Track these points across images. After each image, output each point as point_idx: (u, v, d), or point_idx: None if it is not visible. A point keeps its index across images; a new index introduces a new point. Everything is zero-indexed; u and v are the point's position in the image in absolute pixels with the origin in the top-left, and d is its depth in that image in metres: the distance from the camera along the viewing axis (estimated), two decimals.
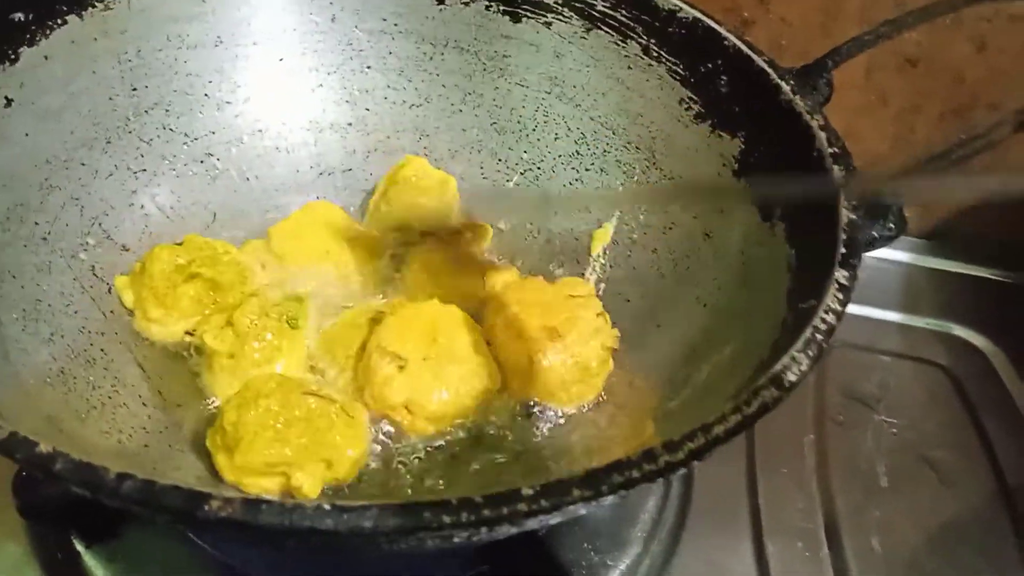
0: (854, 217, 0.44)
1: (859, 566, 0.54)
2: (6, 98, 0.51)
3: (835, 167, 0.48)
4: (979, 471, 0.61)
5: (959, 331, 0.71)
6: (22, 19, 0.52)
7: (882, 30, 0.51)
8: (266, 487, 0.45)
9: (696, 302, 0.54)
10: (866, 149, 0.77)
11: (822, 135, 0.50)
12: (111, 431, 0.45)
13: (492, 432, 0.52)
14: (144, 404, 0.49)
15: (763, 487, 0.58)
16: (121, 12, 0.57)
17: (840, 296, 0.40)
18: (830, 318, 0.39)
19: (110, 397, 0.47)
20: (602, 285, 0.61)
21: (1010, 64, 0.70)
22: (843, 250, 0.42)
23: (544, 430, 0.53)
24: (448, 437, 0.51)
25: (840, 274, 0.41)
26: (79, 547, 0.49)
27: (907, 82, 0.72)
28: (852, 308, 0.70)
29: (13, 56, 0.51)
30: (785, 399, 0.36)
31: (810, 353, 0.38)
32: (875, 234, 0.45)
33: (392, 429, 0.51)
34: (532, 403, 0.54)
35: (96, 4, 0.56)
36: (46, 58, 0.53)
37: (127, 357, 0.51)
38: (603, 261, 0.61)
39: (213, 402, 0.51)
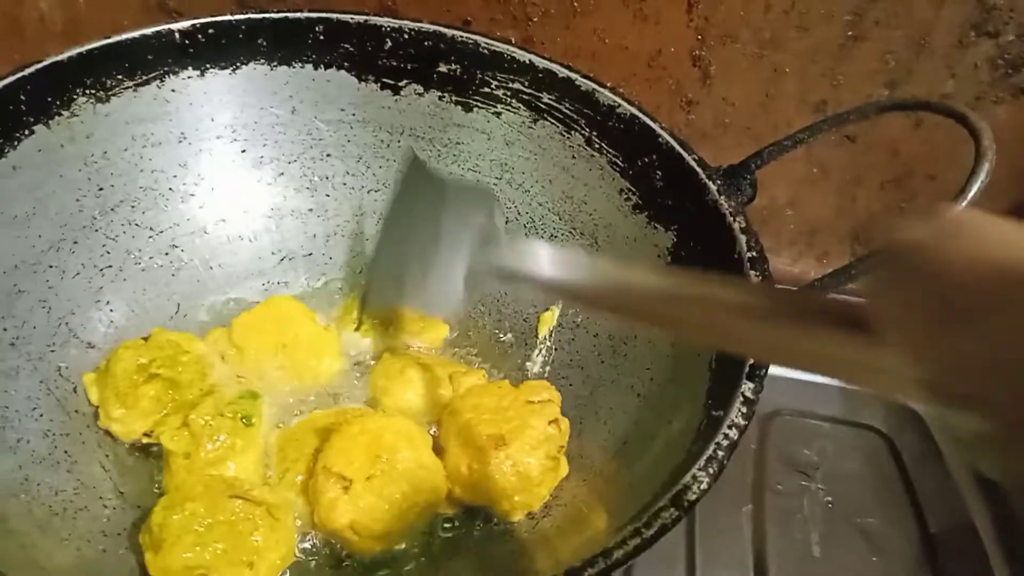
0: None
1: None
2: None
3: (751, 271, 0.51)
4: (909, 536, 0.64)
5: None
6: None
7: (799, 136, 0.55)
8: None
9: (631, 391, 0.57)
10: (812, 217, 0.81)
11: (742, 238, 0.53)
12: (71, 538, 0.48)
13: (438, 541, 0.54)
14: (104, 506, 0.51)
15: (700, 555, 0.61)
16: (87, 118, 0.60)
17: (744, 410, 0.43)
18: (732, 434, 0.42)
19: (72, 501, 0.50)
20: (547, 368, 0.64)
21: (945, 138, 0.73)
22: (751, 361, 0.45)
23: (489, 536, 0.54)
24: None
25: (746, 387, 0.44)
26: None
27: (847, 155, 0.75)
28: (796, 374, 0.74)
29: None
30: (684, 517, 0.39)
31: (711, 470, 0.41)
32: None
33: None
34: (478, 511, 0.55)
35: (62, 112, 0.59)
36: (14, 168, 0.56)
37: (91, 457, 0.54)
38: (549, 344, 0.65)
39: None
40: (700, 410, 0.47)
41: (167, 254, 0.64)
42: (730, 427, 0.42)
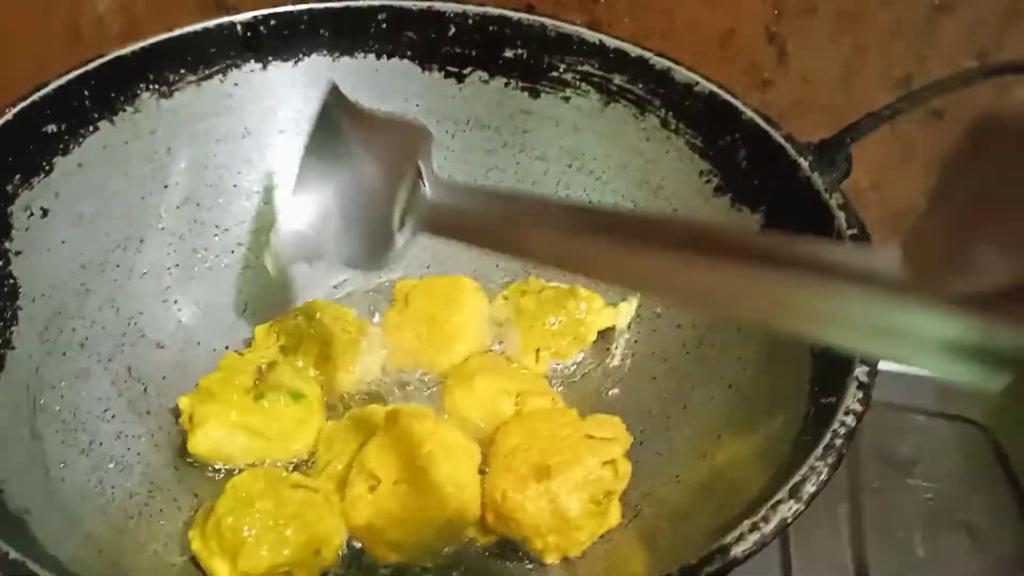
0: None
1: None
2: (42, 209, 0.53)
3: None
4: (1016, 533, 0.59)
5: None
6: (55, 130, 0.54)
7: (898, 105, 0.51)
8: None
9: (721, 382, 0.54)
10: (896, 200, 0.77)
11: (841, 215, 0.49)
12: (146, 542, 0.46)
13: (463, 568, 0.50)
14: (179, 508, 0.50)
15: (796, 559, 0.57)
16: (151, 113, 0.59)
17: (860, 395, 0.40)
18: (849, 420, 0.39)
19: (147, 504, 0.49)
20: (628, 361, 0.61)
21: None
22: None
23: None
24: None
25: (860, 370, 0.41)
26: None
27: (934, 134, 0.72)
28: (887, 365, 0.70)
29: (47, 167, 0.53)
30: (805, 510, 0.36)
31: (829, 460, 0.38)
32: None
33: None
34: (510, 544, 0.51)
35: (126, 108, 0.58)
36: (80, 165, 0.55)
37: (164, 459, 0.52)
38: (627, 336, 0.62)
39: None
40: (805, 399, 0.44)
41: (233, 252, 0.63)
42: (846, 413, 0.39)
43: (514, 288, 0.63)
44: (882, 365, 0.68)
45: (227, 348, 0.60)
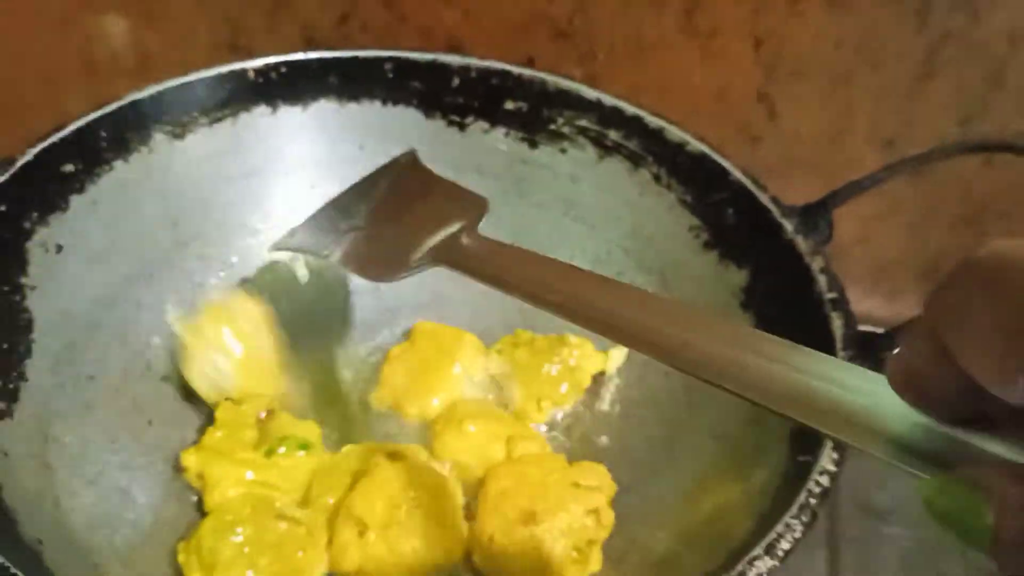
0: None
1: None
2: (57, 245, 0.55)
3: (832, 312, 0.50)
4: None
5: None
6: (72, 169, 0.56)
7: (879, 175, 0.54)
8: None
9: (708, 431, 0.56)
10: (880, 254, 0.79)
11: (822, 279, 0.52)
12: (152, 572, 0.48)
13: None
14: (181, 539, 0.52)
15: None
16: (163, 153, 0.61)
17: (835, 456, 0.42)
18: (824, 480, 0.41)
19: (151, 535, 0.51)
20: (617, 406, 0.63)
21: (1018, 176, 0.72)
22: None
23: None
24: None
25: None
26: None
27: (917, 192, 0.74)
28: None
29: (64, 205, 0.56)
30: (779, 566, 0.38)
31: (804, 519, 0.40)
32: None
33: None
34: None
35: (140, 148, 0.60)
36: (94, 203, 0.57)
37: (167, 490, 0.54)
38: (618, 381, 0.64)
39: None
40: (785, 455, 0.46)
41: (237, 287, 0.65)
42: (821, 473, 0.41)
43: (506, 341, 0.65)
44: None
45: None
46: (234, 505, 0.51)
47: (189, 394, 0.58)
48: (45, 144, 0.55)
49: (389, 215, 0.47)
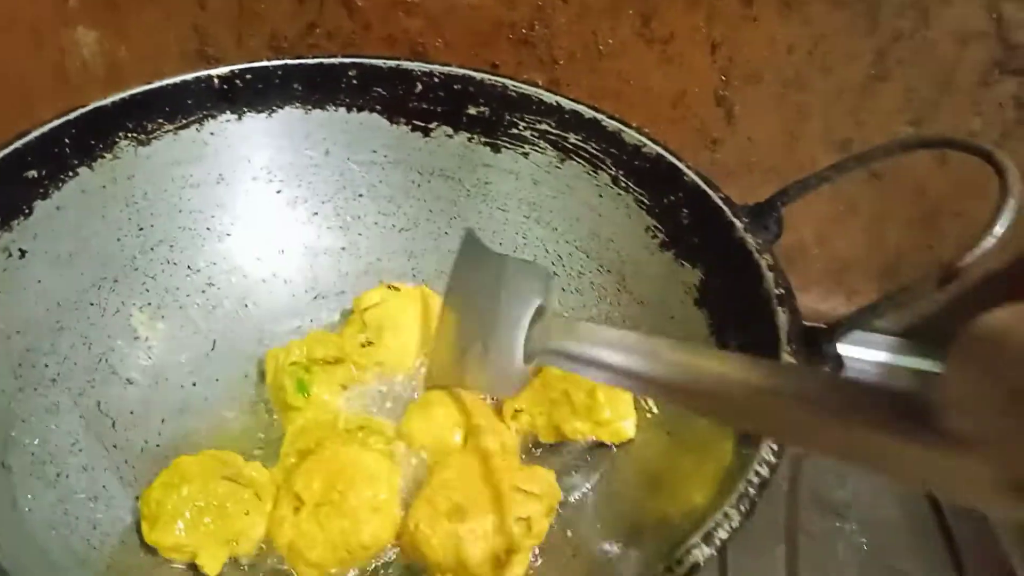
0: (794, 362, 0.48)
1: None
2: (20, 250, 0.55)
3: (779, 307, 0.51)
4: None
5: None
6: (35, 175, 0.57)
7: (825, 173, 0.55)
8: (175, 557, 0.52)
9: (660, 428, 0.57)
10: (838, 254, 0.81)
11: (770, 275, 0.53)
12: (108, 571, 0.49)
13: None
14: (140, 539, 0.52)
15: None
16: (128, 160, 0.62)
17: (774, 447, 0.43)
18: (763, 471, 0.42)
19: (108, 535, 0.51)
20: None
21: (971, 175, 0.73)
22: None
23: None
24: None
25: None
26: None
27: (874, 193, 0.76)
28: None
29: (27, 210, 0.56)
30: (715, 555, 0.39)
31: (742, 508, 0.41)
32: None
33: None
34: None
35: (105, 155, 0.61)
36: (58, 208, 0.58)
37: (127, 492, 0.55)
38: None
39: None
40: (733, 448, 0.47)
41: (204, 292, 0.66)
42: (760, 464, 0.42)
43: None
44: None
45: (194, 384, 0.62)
46: (187, 463, 0.54)
47: (150, 397, 0.60)
48: (8, 150, 0.55)
49: (483, 317, 0.47)
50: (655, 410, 0.59)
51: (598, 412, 0.58)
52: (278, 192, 0.69)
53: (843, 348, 0.50)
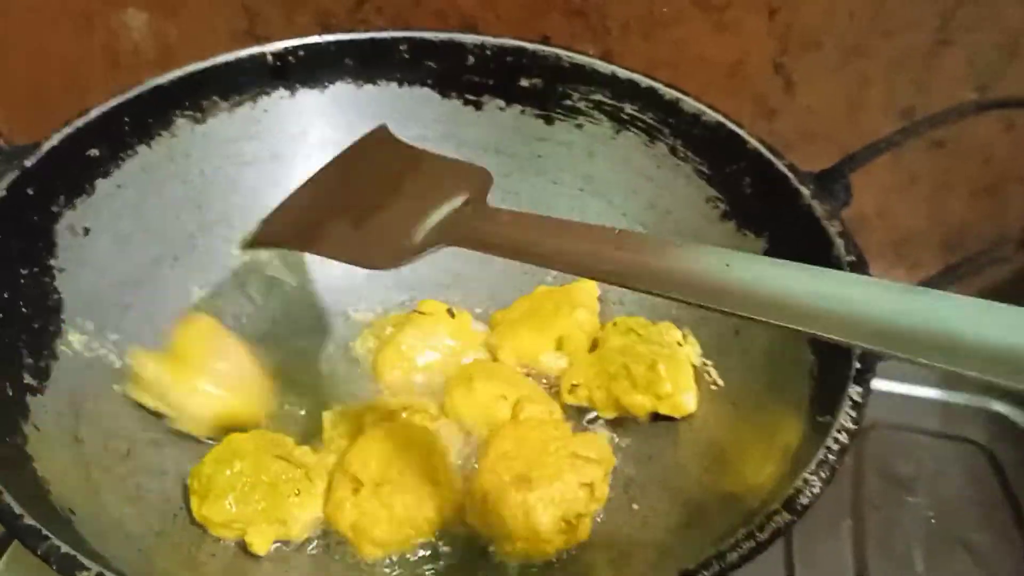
0: None
1: None
2: (85, 228, 0.56)
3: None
4: (1016, 553, 0.61)
5: (999, 407, 0.71)
6: (96, 154, 0.57)
7: (894, 138, 0.54)
8: (224, 535, 0.52)
9: (726, 400, 0.56)
10: (899, 226, 0.79)
11: (840, 242, 0.52)
12: (181, 542, 0.49)
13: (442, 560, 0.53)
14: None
15: (800, 573, 0.59)
16: (185, 138, 0.62)
17: (853, 414, 0.42)
18: (843, 437, 0.41)
19: (181, 507, 0.52)
20: None
21: None
22: (858, 365, 0.44)
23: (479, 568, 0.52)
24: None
25: (854, 390, 0.43)
26: None
27: (936, 162, 0.74)
28: (891, 386, 0.72)
29: (90, 188, 0.57)
30: (797, 521, 0.38)
31: (823, 475, 0.40)
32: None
33: None
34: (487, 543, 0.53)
35: (162, 133, 0.61)
36: (119, 187, 0.59)
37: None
38: None
39: None
40: (805, 418, 0.46)
41: (261, 271, 0.66)
42: (840, 431, 0.42)
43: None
44: (887, 386, 0.71)
45: None
46: (240, 440, 0.54)
47: None
48: (69, 129, 0.56)
49: (376, 196, 0.44)
50: (720, 382, 0.58)
51: (659, 385, 0.57)
52: None
53: None
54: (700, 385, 0.59)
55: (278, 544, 0.52)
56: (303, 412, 0.60)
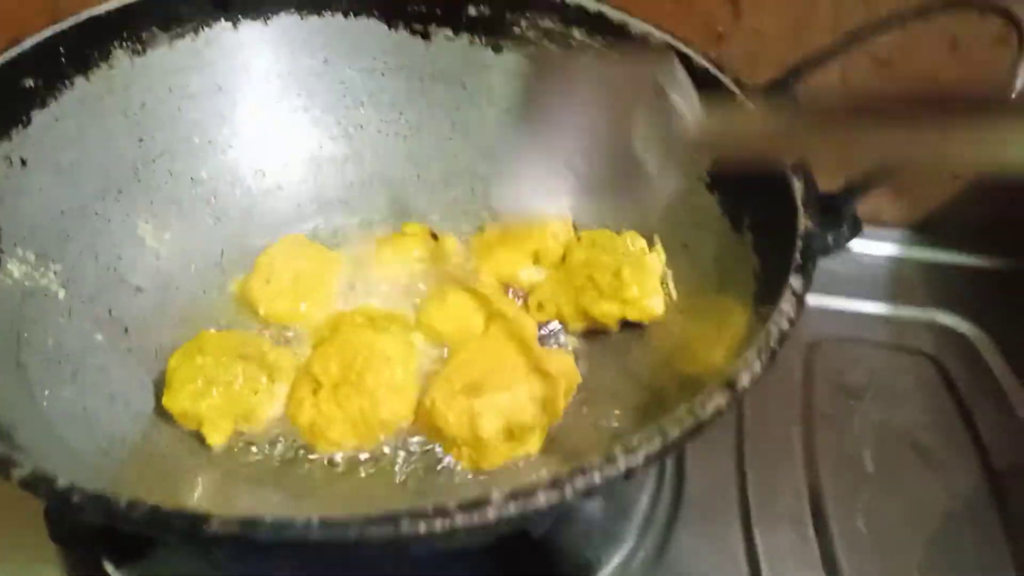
0: (810, 225, 0.47)
1: (846, 547, 0.56)
2: (21, 159, 0.55)
3: (794, 178, 0.50)
4: (965, 455, 0.62)
5: (946, 319, 0.72)
6: (32, 84, 0.56)
7: (838, 46, 0.54)
8: (184, 424, 0.54)
9: (676, 311, 0.57)
10: None
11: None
12: (130, 460, 0.49)
13: (395, 465, 0.54)
14: (160, 434, 0.53)
15: (752, 478, 0.60)
16: (124, 69, 0.61)
17: (793, 301, 0.43)
18: (783, 323, 0.42)
19: (130, 429, 0.52)
20: None
21: (985, 58, 0.72)
22: (799, 259, 0.45)
23: (439, 478, 0.53)
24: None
25: (794, 281, 0.44)
26: (109, 569, 0.53)
27: (882, 81, 0.74)
28: (839, 302, 0.73)
29: (26, 119, 0.56)
30: (738, 400, 0.39)
31: (763, 358, 0.40)
32: (830, 240, 0.47)
33: None
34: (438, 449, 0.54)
35: (100, 64, 0.60)
36: (57, 119, 0.57)
37: (145, 393, 0.55)
38: None
39: None
40: (750, 311, 0.47)
41: (208, 203, 0.65)
42: (779, 315, 0.42)
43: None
44: (831, 303, 0.72)
45: (204, 292, 0.62)
46: (207, 337, 0.56)
47: (162, 304, 0.59)
48: (3, 60, 0.55)
49: (578, 134, 0.41)
50: (674, 295, 0.59)
51: (625, 290, 0.58)
52: (278, 102, 0.68)
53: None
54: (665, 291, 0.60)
55: (239, 436, 0.54)
56: None
